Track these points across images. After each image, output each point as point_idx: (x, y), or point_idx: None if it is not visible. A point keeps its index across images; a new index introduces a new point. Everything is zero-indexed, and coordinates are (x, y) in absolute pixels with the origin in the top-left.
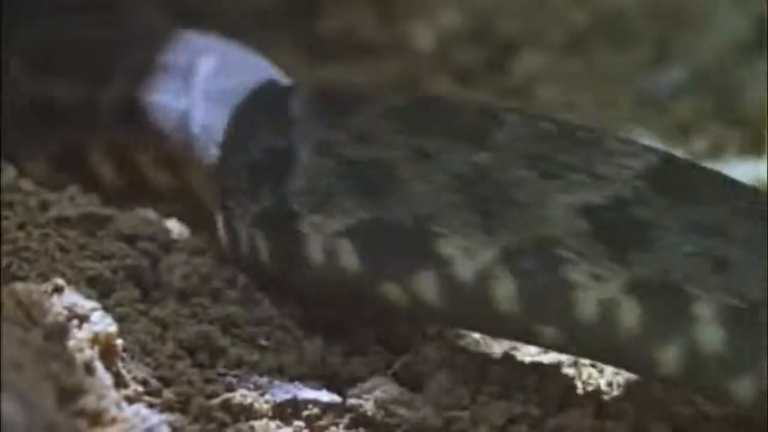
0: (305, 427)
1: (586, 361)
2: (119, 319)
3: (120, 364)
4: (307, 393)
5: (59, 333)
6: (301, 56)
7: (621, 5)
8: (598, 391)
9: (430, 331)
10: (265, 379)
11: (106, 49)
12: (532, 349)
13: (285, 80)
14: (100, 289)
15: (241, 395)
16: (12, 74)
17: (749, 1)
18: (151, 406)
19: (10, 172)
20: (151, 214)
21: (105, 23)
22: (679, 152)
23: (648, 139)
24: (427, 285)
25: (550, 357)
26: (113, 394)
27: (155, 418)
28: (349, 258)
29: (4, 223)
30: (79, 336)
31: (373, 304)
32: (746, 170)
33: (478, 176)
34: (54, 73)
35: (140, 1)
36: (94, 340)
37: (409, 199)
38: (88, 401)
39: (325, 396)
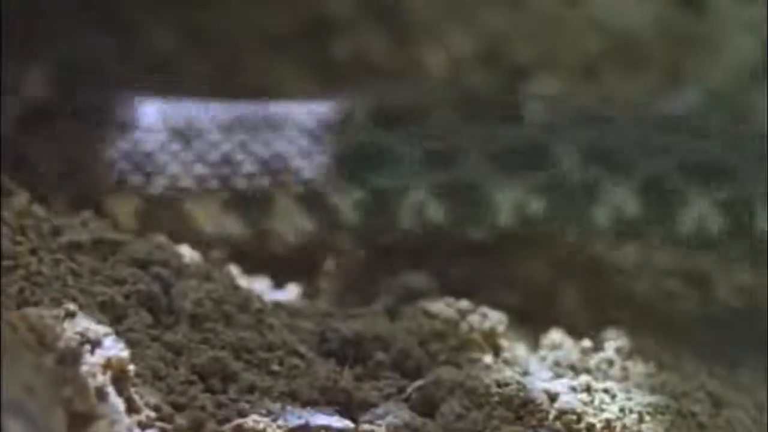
0: None
1: (599, 387)
2: (131, 345)
3: (132, 390)
4: (319, 418)
5: (71, 358)
6: (313, 80)
7: (634, 29)
8: (609, 417)
9: (441, 356)
10: (277, 405)
11: None
12: (544, 374)
13: None
14: (112, 314)
15: (254, 421)
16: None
17: (761, 25)
18: (163, 431)
19: (22, 197)
20: (163, 239)
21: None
22: None
23: None
24: None
25: (562, 382)
26: (126, 420)
27: None
28: None
29: (17, 248)
30: (92, 361)
31: None
32: None
33: None
34: None
35: (151, 25)
36: (107, 365)
37: None
38: (101, 427)
39: (338, 421)
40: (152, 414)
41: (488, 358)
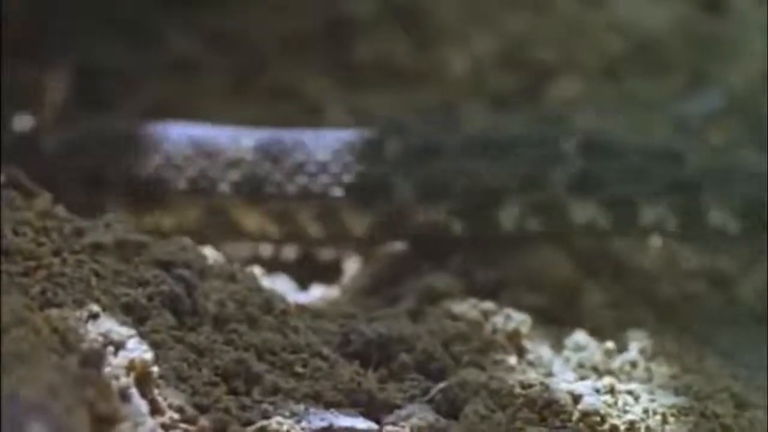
0: None
1: (622, 388)
2: (155, 346)
3: (156, 391)
4: (343, 420)
5: (95, 360)
6: (335, 83)
7: (656, 32)
8: (633, 418)
9: (465, 357)
10: (301, 407)
11: None
12: (568, 376)
13: None
14: (135, 315)
15: (277, 422)
16: None
17: None
18: None
19: (45, 198)
20: (186, 240)
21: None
22: None
23: None
24: None
25: (586, 384)
26: (149, 422)
27: None
28: None
29: (40, 249)
30: (115, 363)
31: None
32: None
33: None
34: None
35: (170, 28)
36: (130, 366)
37: None
38: (124, 428)
39: (362, 423)
40: (176, 415)
41: (512, 360)
